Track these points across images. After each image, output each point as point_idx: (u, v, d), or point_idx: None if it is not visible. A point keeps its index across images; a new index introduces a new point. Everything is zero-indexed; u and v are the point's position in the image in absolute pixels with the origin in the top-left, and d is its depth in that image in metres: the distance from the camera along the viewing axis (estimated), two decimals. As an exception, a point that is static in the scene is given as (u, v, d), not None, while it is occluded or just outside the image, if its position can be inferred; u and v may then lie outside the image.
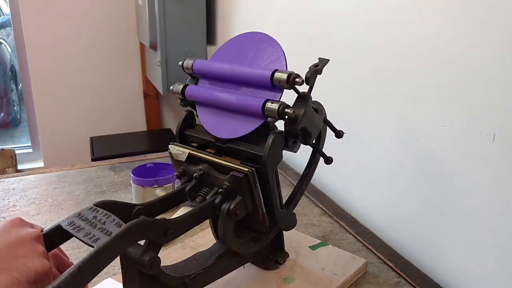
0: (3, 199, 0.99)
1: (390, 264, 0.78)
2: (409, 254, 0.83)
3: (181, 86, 0.68)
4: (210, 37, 1.77)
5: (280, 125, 0.64)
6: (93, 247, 0.47)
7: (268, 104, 0.58)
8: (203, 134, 0.65)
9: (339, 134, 0.69)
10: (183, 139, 0.68)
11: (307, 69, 0.60)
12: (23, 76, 2.19)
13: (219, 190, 0.59)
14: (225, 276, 0.65)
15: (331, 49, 1.03)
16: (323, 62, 0.63)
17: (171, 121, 2.31)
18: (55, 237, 0.52)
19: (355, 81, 0.96)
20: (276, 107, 0.57)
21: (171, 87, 0.70)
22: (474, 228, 0.70)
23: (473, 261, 0.71)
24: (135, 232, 0.50)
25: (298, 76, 0.57)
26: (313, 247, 0.78)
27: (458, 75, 0.70)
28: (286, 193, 0.72)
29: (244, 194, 0.59)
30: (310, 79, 0.60)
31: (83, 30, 2.07)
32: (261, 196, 0.60)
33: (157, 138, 2.15)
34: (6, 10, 3.87)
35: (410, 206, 0.84)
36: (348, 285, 0.72)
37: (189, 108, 0.70)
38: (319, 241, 0.80)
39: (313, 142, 0.66)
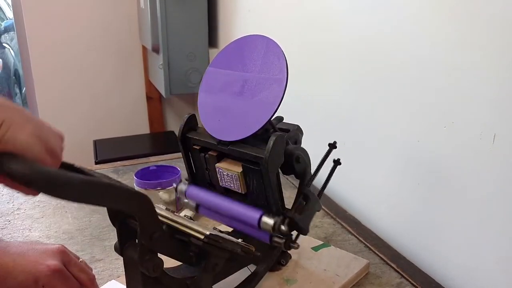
0: (7, 203, 1.00)
1: (393, 265, 0.78)
2: (411, 254, 0.83)
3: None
4: (212, 40, 1.77)
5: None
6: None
7: (264, 218, 0.62)
8: (205, 137, 0.66)
9: (336, 161, 0.69)
10: (185, 142, 0.68)
11: (309, 72, 0.61)
12: (27, 80, 2.20)
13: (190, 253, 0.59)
14: (227, 278, 0.66)
15: (332, 51, 1.03)
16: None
17: (174, 124, 2.31)
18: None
19: (355, 82, 0.96)
20: (272, 224, 0.61)
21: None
22: (476, 229, 0.70)
23: (475, 261, 0.71)
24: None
25: (282, 223, 0.61)
26: (315, 248, 0.79)
27: (458, 76, 0.70)
28: (288, 194, 0.73)
29: (217, 252, 0.58)
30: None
31: (85, 33, 2.08)
32: (234, 240, 0.59)
33: (160, 140, 2.16)
34: (10, 14, 3.89)
35: (411, 207, 0.84)
36: (350, 286, 0.72)
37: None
38: (321, 242, 0.81)
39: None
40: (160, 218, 0.56)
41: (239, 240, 0.60)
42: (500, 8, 0.62)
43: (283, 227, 0.61)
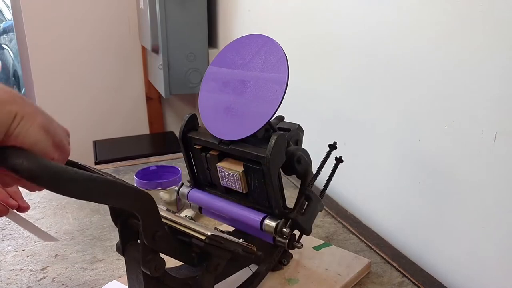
0: (8, 203, 0.99)
1: (394, 264, 0.78)
2: (413, 253, 0.83)
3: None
4: (212, 40, 1.77)
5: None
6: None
7: (267, 221, 0.62)
8: (206, 136, 0.66)
9: (338, 159, 0.68)
10: (186, 142, 0.68)
11: (309, 71, 0.61)
12: (26, 81, 2.20)
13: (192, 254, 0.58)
14: (229, 277, 0.65)
15: (332, 50, 1.03)
16: None
17: (174, 124, 2.31)
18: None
19: (356, 81, 0.96)
20: (274, 226, 0.61)
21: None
22: (477, 227, 0.70)
23: (476, 260, 0.71)
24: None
25: (284, 226, 0.62)
26: (317, 248, 0.79)
27: (459, 75, 0.70)
28: (289, 194, 0.73)
29: (218, 253, 0.57)
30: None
31: (85, 34, 2.08)
32: (235, 241, 0.59)
33: (160, 141, 2.16)
34: (9, 15, 3.89)
35: (413, 206, 0.84)
36: (352, 285, 0.72)
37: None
38: (323, 242, 0.81)
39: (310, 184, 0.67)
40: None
41: (241, 240, 0.60)
42: (501, 7, 0.62)
43: (285, 229, 0.61)
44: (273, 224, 0.61)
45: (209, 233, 0.54)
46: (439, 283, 0.75)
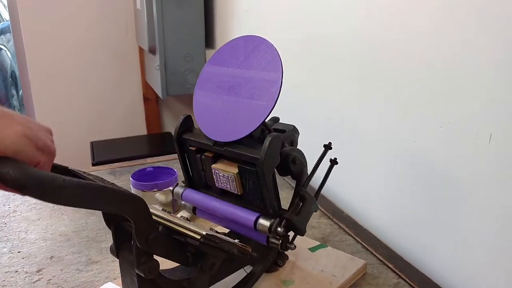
0: (3, 205, 0.99)
1: (390, 265, 0.78)
2: (409, 255, 0.83)
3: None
4: (209, 41, 1.77)
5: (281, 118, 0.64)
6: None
7: (261, 220, 0.62)
8: (201, 138, 0.66)
9: (332, 161, 0.68)
10: (181, 143, 0.68)
11: (305, 72, 0.61)
12: (23, 82, 2.19)
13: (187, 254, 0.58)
14: (224, 279, 0.65)
15: (328, 51, 1.03)
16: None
17: (171, 125, 2.31)
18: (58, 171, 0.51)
19: (352, 83, 0.96)
20: (268, 225, 0.61)
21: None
22: (473, 228, 0.70)
23: (472, 261, 0.71)
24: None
25: (278, 225, 0.61)
26: (313, 249, 0.79)
27: (455, 76, 0.70)
28: (285, 195, 0.73)
29: (213, 253, 0.57)
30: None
31: (82, 35, 2.07)
32: (230, 241, 0.59)
33: (157, 142, 2.15)
34: (6, 16, 3.88)
35: (408, 207, 0.84)
36: (347, 287, 0.72)
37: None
38: (319, 243, 0.81)
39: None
40: (157, 218, 0.56)
41: (236, 241, 0.60)
42: (496, 8, 0.62)
43: (279, 229, 0.61)
44: (267, 223, 0.61)
45: (204, 233, 0.54)
46: (434, 284, 0.75)
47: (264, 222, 0.62)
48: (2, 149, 0.41)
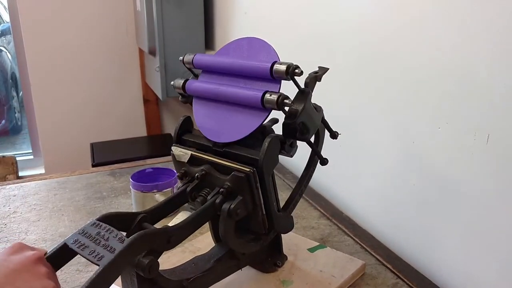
0: (3, 206, 1.00)
1: (388, 266, 0.78)
2: (408, 255, 0.83)
3: (182, 81, 0.69)
4: (209, 42, 1.78)
5: (277, 129, 0.64)
6: (98, 265, 0.47)
7: (267, 96, 0.59)
8: (200, 139, 0.66)
9: (334, 135, 0.69)
10: (180, 144, 0.68)
11: (304, 74, 0.61)
12: (24, 83, 2.20)
13: (220, 190, 0.60)
14: (223, 279, 0.66)
15: (328, 53, 1.04)
16: (322, 70, 0.64)
17: (171, 126, 2.31)
18: (61, 256, 0.53)
19: (350, 84, 0.97)
20: (275, 98, 0.58)
21: (172, 82, 0.71)
22: (471, 229, 0.71)
23: (470, 261, 0.71)
24: (138, 246, 0.51)
25: (297, 67, 0.58)
26: (312, 250, 0.79)
27: (453, 78, 0.71)
28: (285, 196, 0.73)
29: (245, 194, 0.59)
30: (309, 85, 0.61)
31: (82, 36, 2.08)
32: (261, 197, 0.61)
33: (157, 143, 2.16)
34: (6, 17, 3.88)
35: (407, 208, 0.84)
36: (346, 287, 0.72)
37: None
38: (318, 244, 0.81)
39: (311, 140, 0.66)
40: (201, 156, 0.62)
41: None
42: (496, 11, 0.63)
43: (287, 101, 0.58)
44: (274, 97, 0.58)
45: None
46: (433, 284, 0.75)
47: (271, 97, 0.59)
48: None
